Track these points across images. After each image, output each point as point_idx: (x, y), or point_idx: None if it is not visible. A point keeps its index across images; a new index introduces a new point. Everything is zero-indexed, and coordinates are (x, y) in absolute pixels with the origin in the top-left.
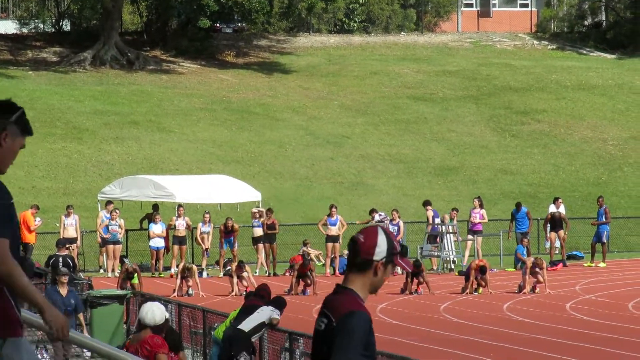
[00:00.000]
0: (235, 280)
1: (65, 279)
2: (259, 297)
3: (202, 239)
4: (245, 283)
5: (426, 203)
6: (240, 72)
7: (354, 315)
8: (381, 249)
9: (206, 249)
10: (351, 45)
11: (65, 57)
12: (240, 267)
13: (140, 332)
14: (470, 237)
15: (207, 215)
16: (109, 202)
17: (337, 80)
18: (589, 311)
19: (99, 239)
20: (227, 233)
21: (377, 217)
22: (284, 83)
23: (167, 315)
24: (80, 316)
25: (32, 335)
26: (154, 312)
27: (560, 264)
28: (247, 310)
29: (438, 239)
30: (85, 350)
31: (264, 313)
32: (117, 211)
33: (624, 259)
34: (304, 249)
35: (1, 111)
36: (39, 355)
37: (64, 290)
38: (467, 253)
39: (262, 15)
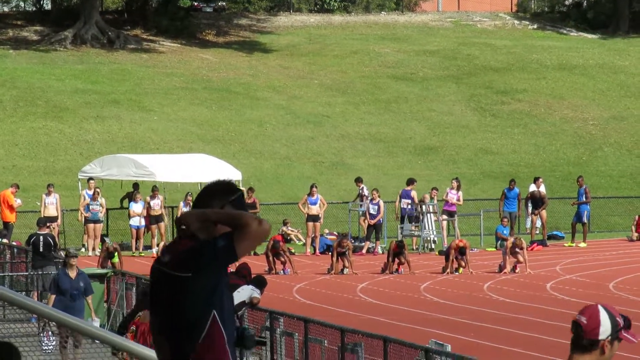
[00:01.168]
0: None
1: (74, 261)
2: (239, 276)
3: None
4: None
5: (409, 182)
6: (221, 51)
7: None
8: (605, 328)
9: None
10: (331, 25)
11: (46, 35)
12: None
13: None
14: (444, 216)
15: (190, 198)
16: (90, 179)
17: (317, 59)
18: (569, 291)
19: (81, 218)
20: None
21: (365, 190)
22: (264, 62)
23: None
24: (89, 299)
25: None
26: None
27: (535, 245)
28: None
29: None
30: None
31: (244, 292)
32: (99, 190)
33: (605, 239)
34: (283, 228)
35: (221, 191)
36: (45, 340)
37: (73, 273)
38: (444, 233)
39: None
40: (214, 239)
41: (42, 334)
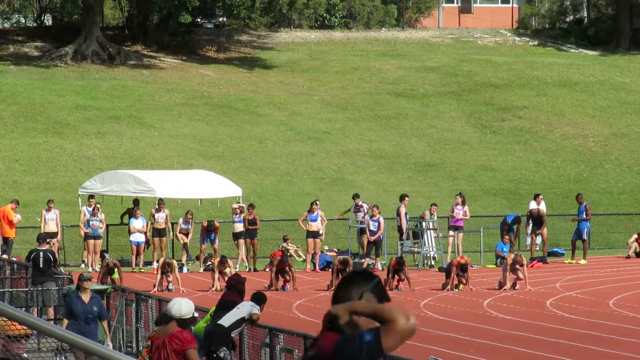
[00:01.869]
0: (217, 275)
1: (88, 284)
2: (236, 291)
3: (182, 237)
4: (227, 279)
5: (400, 198)
6: (221, 68)
7: None
8: None
9: (185, 243)
10: (332, 41)
11: (47, 51)
12: (223, 262)
13: (167, 325)
14: (451, 233)
15: (190, 216)
16: (91, 197)
17: (317, 75)
18: (569, 308)
19: (82, 234)
20: (208, 230)
21: (364, 206)
22: (265, 78)
23: (196, 313)
24: (105, 324)
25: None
26: (181, 305)
27: (535, 262)
28: (226, 306)
29: (407, 234)
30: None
31: (244, 308)
32: (99, 206)
33: (605, 255)
34: (283, 244)
35: (359, 280)
36: None
37: (86, 297)
38: (449, 249)
39: (244, 10)
40: (360, 333)
41: (56, 358)
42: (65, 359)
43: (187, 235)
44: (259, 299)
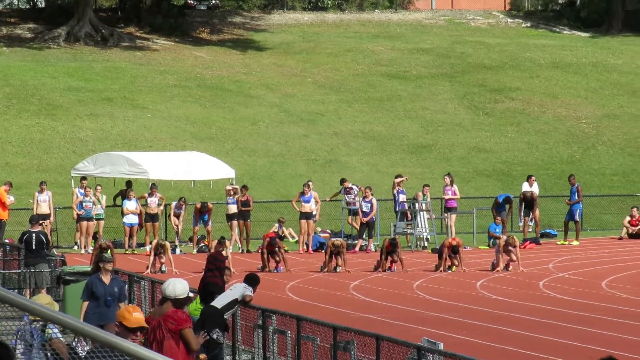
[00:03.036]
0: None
1: (109, 266)
2: (217, 272)
3: (174, 221)
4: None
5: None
6: (214, 49)
7: None
8: None
9: (177, 230)
10: (325, 23)
11: (40, 33)
12: (221, 243)
13: (162, 306)
14: (446, 215)
15: (183, 203)
16: (83, 179)
17: (311, 57)
18: (562, 289)
19: (75, 215)
20: (201, 212)
21: (354, 188)
22: (258, 60)
23: (191, 294)
24: (122, 305)
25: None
26: (175, 285)
27: (528, 243)
28: (211, 289)
29: (409, 215)
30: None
31: (237, 290)
32: (92, 188)
33: (597, 237)
34: (282, 229)
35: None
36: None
37: (107, 279)
38: (448, 230)
39: None
40: None
41: (73, 343)
42: (86, 343)
43: (178, 217)
44: (252, 280)
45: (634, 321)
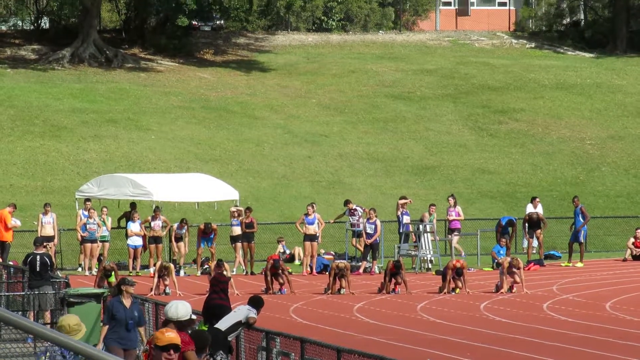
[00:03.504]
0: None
1: (131, 289)
2: (223, 294)
3: (178, 246)
4: (210, 281)
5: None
6: (219, 71)
7: None
8: None
9: (180, 256)
10: (329, 44)
11: (44, 54)
12: (219, 265)
13: (164, 329)
14: (450, 237)
15: (184, 224)
16: (87, 200)
17: (315, 78)
18: (566, 311)
19: (79, 237)
20: (205, 233)
21: (358, 210)
22: (262, 81)
23: (194, 316)
24: (142, 330)
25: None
26: (177, 307)
27: (532, 264)
28: (216, 311)
29: (414, 237)
30: None
31: (241, 312)
32: (96, 210)
33: (602, 258)
34: (285, 249)
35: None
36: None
37: (127, 302)
38: (452, 252)
39: (241, 12)
40: None
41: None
42: None
43: (180, 239)
44: (256, 302)
45: (637, 343)
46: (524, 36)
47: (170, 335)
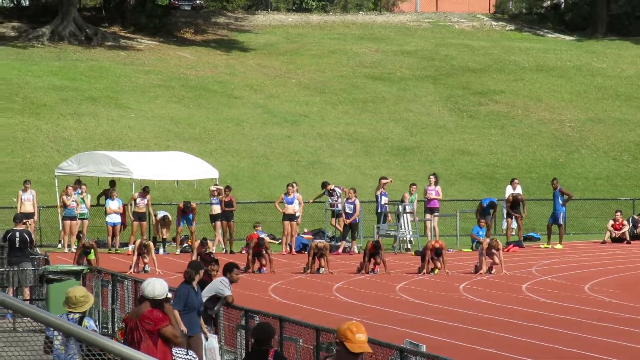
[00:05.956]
0: (195, 257)
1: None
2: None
3: (162, 232)
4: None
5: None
6: (199, 50)
7: None
8: None
9: (163, 239)
10: (309, 24)
11: (24, 32)
12: (203, 244)
13: (140, 306)
14: (428, 216)
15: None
16: (67, 187)
17: (295, 59)
18: (544, 292)
19: (59, 209)
20: (184, 211)
21: (337, 190)
22: (242, 61)
23: (169, 294)
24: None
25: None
26: (154, 285)
27: (511, 246)
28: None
29: (390, 217)
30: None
31: (213, 285)
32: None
33: (581, 240)
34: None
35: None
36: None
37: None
38: (428, 233)
39: None
40: None
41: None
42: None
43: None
44: (227, 267)
45: (616, 324)
46: (504, 18)
47: (361, 338)
